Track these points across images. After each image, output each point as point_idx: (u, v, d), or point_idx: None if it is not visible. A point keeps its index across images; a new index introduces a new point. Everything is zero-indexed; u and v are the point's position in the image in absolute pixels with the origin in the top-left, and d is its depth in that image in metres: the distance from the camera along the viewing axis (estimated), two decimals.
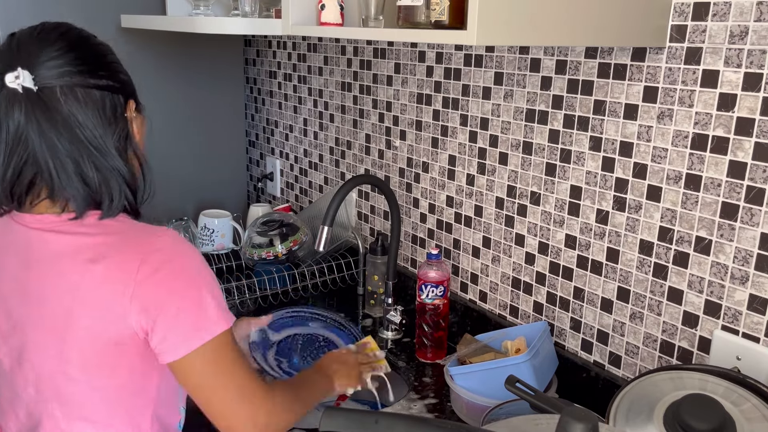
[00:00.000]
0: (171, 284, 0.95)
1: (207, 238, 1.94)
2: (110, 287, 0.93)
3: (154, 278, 0.93)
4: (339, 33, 1.23)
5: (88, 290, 0.94)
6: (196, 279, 0.97)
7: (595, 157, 1.25)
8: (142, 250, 0.95)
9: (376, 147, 1.82)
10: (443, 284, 1.46)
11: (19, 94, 0.92)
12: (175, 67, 2.13)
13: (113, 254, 0.95)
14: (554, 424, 0.72)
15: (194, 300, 0.96)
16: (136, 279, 0.93)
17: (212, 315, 0.96)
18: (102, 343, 0.95)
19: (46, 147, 0.93)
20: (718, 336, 1.11)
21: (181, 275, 0.96)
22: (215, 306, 0.97)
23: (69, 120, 0.93)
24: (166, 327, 0.94)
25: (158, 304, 0.94)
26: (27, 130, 0.93)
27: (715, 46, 1.06)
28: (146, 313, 0.93)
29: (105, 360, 0.97)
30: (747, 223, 1.05)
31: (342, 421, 0.74)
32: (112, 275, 0.93)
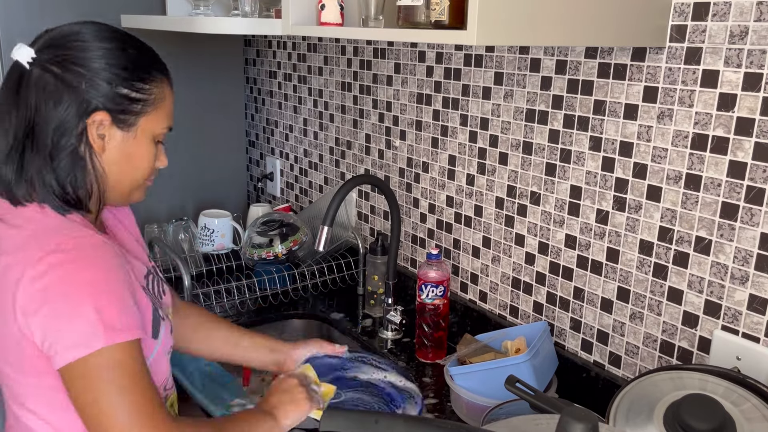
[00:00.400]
0: (54, 291, 0.91)
1: (207, 238, 1.94)
2: (4, 283, 0.93)
3: (40, 281, 0.90)
4: (339, 33, 1.23)
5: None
6: (83, 288, 0.91)
7: (595, 157, 1.25)
8: (40, 250, 0.92)
9: (376, 147, 1.82)
10: (443, 284, 1.46)
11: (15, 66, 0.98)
12: (175, 67, 2.11)
13: (16, 250, 0.94)
14: (554, 424, 0.72)
15: (68, 312, 0.90)
16: (23, 278, 0.91)
17: (87, 332, 0.90)
18: (8, 339, 0.95)
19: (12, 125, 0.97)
20: (718, 336, 1.11)
21: (68, 282, 0.91)
22: (96, 320, 0.90)
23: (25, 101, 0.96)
24: (43, 333, 0.91)
25: (36, 309, 0.91)
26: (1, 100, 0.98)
27: (715, 46, 1.06)
28: (26, 317, 0.91)
29: (18, 355, 0.96)
30: (747, 223, 1.05)
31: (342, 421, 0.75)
32: (8, 271, 0.93)
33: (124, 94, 1.00)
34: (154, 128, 1.05)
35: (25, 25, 1.86)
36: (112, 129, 1.00)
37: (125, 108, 1.00)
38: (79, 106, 0.97)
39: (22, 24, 1.86)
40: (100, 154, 1.00)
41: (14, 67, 0.98)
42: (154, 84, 1.04)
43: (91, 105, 0.97)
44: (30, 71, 0.97)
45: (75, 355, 0.90)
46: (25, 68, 0.97)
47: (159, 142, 1.08)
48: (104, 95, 0.98)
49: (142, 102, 1.02)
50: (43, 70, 0.96)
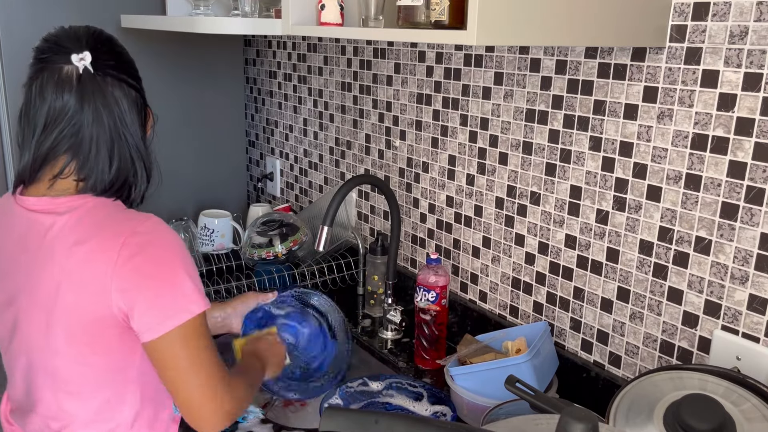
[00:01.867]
0: (149, 266, 1.00)
1: (207, 238, 1.94)
2: (92, 267, 0.99)
3: (134, 261, 0.99)
4: (339, 33, 1.23)
5: (73, 269, 1.00)
6: (174, 261, 1.02)
7: (595, 157, 1.25)
8: (123, 233, 1.00)
9: (376, 147, 1.82)
10: (436, 290, 1.44)
11: (75, 76, 1.03)
12: (175, 67, 2.13)
13: (97, 236, 1.01)
14: (554, 424, 0.72)
15: (172, 282, 1.01)
16: (117, 261, 0.98)
17: (190, 295, 1.01)
18: (84, 320, 1.01)
19: (95, 121, 1.04)
20: (718, 336, 1.11)
21: (159, 258, 1.01)
22: (193, 288, 1.02)
23: (116, 104, 1.06)
24: (144, 307, 0.99)
25: (137, 286, 0.99)
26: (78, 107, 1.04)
27: (715, 46, 1.06)
28: (125, 294, 0.99)
29: (87, 336, 1.02)
30: (747, 223, 1.05)
31: (342, 421, 0.74)
32: (95, 256, 0.99)
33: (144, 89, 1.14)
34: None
35: (25, 24, 1.86)
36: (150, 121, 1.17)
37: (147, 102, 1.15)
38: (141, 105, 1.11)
39: (22, 24, 1.86)
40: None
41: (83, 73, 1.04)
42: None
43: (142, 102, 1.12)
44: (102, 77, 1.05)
45: (178, 321, 1.00)
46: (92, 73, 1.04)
47: None
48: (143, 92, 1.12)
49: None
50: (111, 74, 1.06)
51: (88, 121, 1.04)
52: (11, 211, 1.10)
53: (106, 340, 1.03)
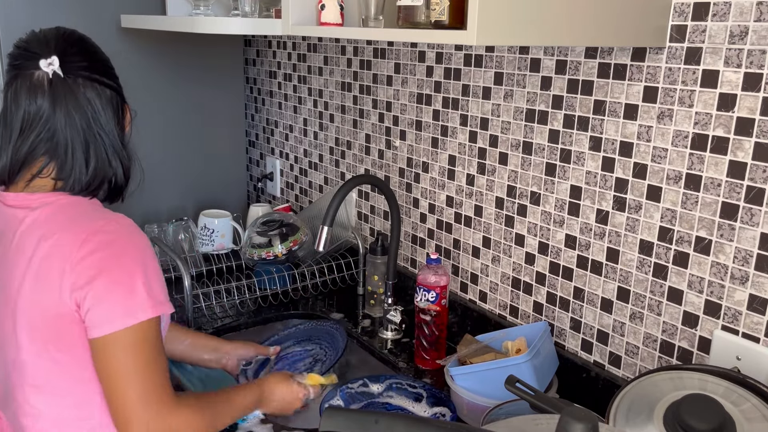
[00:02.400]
0: (105, 264, 1.00)
1: (207, 238, 1.94)
2: (52, 263, 1.00)
3: (91, 258, 0.99)
4: (339, 33, 1.23)
5: (36, 264, 1.01)
6: (132, 264, 1.01)
7: (595, 157, 1.25)
8: (86, 230, 1.01)
9: (376, 147, 1.82)
10: (436, 290, 1.44)
11: (46, 80, 1.04)
12: (175, 67, 2.13)
13: (61, 232, 1.02)
14: (554, 424, 0.72)
15: (125, 284, 1.00)
16: (75, 257, 0.99)
17: (141, 302, 1.00)
18: (45, 315, 1.02)
19: (68, 125, 1.05)
20: (718, 336, 1.11)
21: (117, 258, 1.01)
22: (144, 294, 1.01)
23: (89, 105, 1.07)
24: (92, 303, 0.99)
25: (88, 282, 0.99)
26: (51, 111, 1.05)
27: (715, 46, 1.06)
28: (77, 290, 0.99)
29: (49, 332, 1.02)
30: (747, 223, 1.05)
31: (342, 421, 0.74)
32: (56, 251, 1.00)
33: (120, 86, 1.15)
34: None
35: (25, 25, 1.86)
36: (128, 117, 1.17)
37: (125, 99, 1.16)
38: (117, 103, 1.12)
39: (22, 23, 1.86)
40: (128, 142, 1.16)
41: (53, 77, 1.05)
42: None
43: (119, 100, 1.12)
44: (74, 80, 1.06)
45: (121, 324, 0.99)
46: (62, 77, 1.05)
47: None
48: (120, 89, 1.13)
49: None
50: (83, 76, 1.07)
51: (61, 124, 1.05)
52: None
53: (69, 337, 1.02)
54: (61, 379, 1.05)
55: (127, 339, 1.00)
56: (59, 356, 1.04)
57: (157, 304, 1.02)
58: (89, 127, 1.07)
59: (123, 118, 1.14)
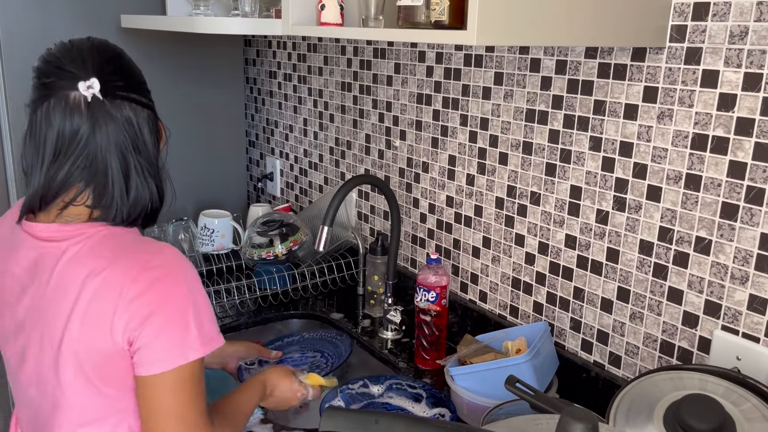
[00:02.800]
0: (158, 303, 0.95)
1: (207, 238, 1.94)
2: (101, 301, 0.95)
3: (143, 298, 0.94)
4: (339, 33, 1.23)
5: (83, 302, 0.96)
6: (183, 300, 0.97)
7: (595, 157, 1.25)
8: (135, 267, 0.96)
9: (376, 147, 1.82)
10: (436, 290, 1.44)
11: (83, 102, 0.97)
12: (175, 67, 2.13)
13: (108, 270, 0.96)
14: (554, 424, 0.72)
15: (178, 322, 0.96)
16: (126, 296, 0.94)
17: (192, 341, 0.97)
18: (93, 357, 0.97)
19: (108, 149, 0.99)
20: (718, 336, 1.11)
21: (169, 296, 0.96)
22: (196, 332, 0.97)
23: (129, 127, 1.01)
24: (145, 342, 0.95)
25: (141, 324, 0.94)
26: (90, 134, 0.98)
27: (715, 46, 1.06)
28: (132, 330, 0.95)
29: (97, 372, 0.98)
30: (747, 223, 1.05)
31: (342, 421, 0.74)
32: (104, 290, 0.95)
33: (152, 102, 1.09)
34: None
35: (25, 24, 1.86)
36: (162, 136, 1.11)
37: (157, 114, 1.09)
38: (154, 121, 1.06)
39: (22, 24, 1.86)
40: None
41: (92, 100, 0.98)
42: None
43: (154, 117, 1.06)
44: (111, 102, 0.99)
45: (171, 365, 0.96)
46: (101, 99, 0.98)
47: None
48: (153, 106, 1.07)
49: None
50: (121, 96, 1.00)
51: (101, 148, 0.99)
52: (17, 238, 1.05)
53: (119, 374, 0.99)
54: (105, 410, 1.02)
55: (175, 378, 0.96)
56: (107, 390, 1.00)
57: (207, 341, 0.98)
58: (129, 152, 1.01)
59: (159, 139, 1.08)
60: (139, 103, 1.02)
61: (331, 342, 1.60)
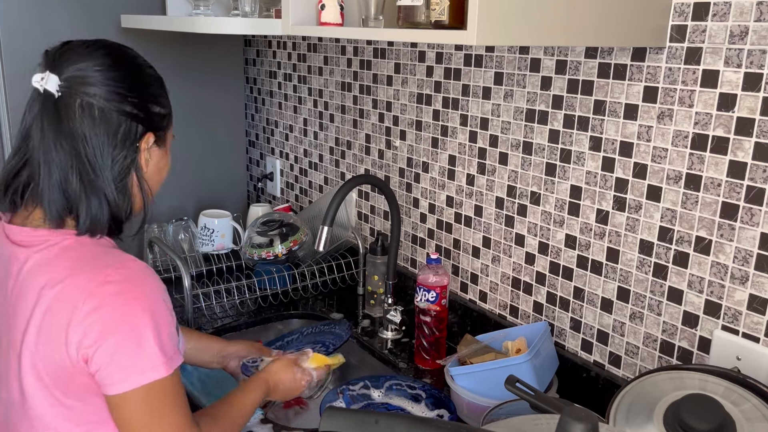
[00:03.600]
0: (113, 321, 0.92)
1: (207, 238, 1.94)
2: (56, 316, 0.93)
3: (97, 313, 0.91)
4: (339, 33, 1.23)
5: (39, 316, 0.94)
6: (141, 318, 0.93)
7: (595, 157, 1.25)
8: (92, 281, 0.92)
9: (376, 147, 1.82)
10: (436, 290, 1.44)
11: (39, 95, 0.96)
12: (175, 67, 2.13)
13: (65, 282, 0.93)
14: (554, 424, 0.72)
15: (134, 342, 0.92)
16: (80, 312, 0.91)
17: (151, 359, 0.93)
18: (50, 368, 0.95)
19: (43, 150, 0.96)
20: (718, 336, 1.11)
21: (125, 313, 0.92)
22: (156, 351, 0.93)
23: (75, 132, 0.96)
24: (102, 363, 0.92)
25: (96, 341, 0.91)
26: (33, 129, 0.97)
27: (715, 46, 1.06)
28: (86, 348, 0.92)
29: (57, 382, 0.96)
30: (747, 223, 1.05)
31: (342, 421, 0.74)
32: (59, 304, 0.93)
33: (158, 112, 1.03)
34: (170, 136, 1.09)
35: (25, 24, 1.86)
36: (154, 148, 1.04)
37: (161, 125, 1.04)
38: (130, 130, 0.98)
39: (22, 24, 1.86)
40: (144, 174, 1.04)
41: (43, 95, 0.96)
42: (168, 95, 1.07)
43: (139, 128, 1.00)
44: (66, 99, 0.95)
45: (132, 384, 0.93)
46: (55, 96, 0.95)
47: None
48: (146, 116, 1.00)
49: (168, 117, 1.06)
50: (83, 97, 0.95)
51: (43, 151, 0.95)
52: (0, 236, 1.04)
53: (78, 386, 0.96)
54: (70, 422, 1.00)
55: (143, 396, 0.94)
56: (69, 402, 0.98)
57: (168, 360, 0.94)
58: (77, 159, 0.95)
59: (136, 150, 1.00)
60: (103, 110, 0.96)
61: (330, 332, 1.59)
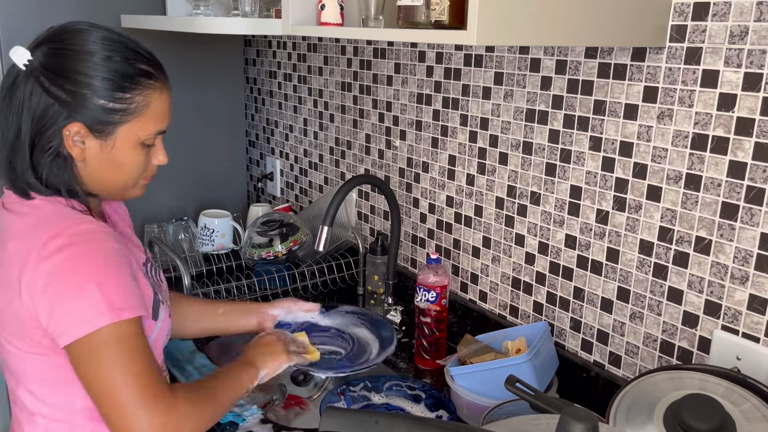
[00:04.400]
0: (59, 271, 0.95)
1: (207, 238, 1.94)
2: (12, 266, 0.98)
3: (47, 263, 0.95)
4: (339, 33, 1.23)
5: (2, 267, 1.01)
6: (87, 270, 0.96)
7: (595, 157, 1.25)
8: (47, 235, 0.97)
9: (376, 147, 1.82)
10: (436, 290, 1.44)
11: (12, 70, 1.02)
12: (175, 67, 2.12)
13: (24, 235, 0.99)
14: (554, 424, 0.72)
15: (79, 290, 0.95)
16: (31, 261, 0.96)
17: (95, 306, 0.95)
18: (9, 317, 1.01)
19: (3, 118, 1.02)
20: (718, 336, 1.11)
21: (72, 265, 0.96)
22: (99, 300, 0.95)
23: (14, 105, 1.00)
24: (49, 312, 0.96)
25: (43, 289, 0.95)
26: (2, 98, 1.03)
27: (715, 46, 1.06)
28: (32, 296, 0.96)
29: (17, 333, 1.01)
30: (747, 223, 1.05)
31: (342, 421, 0.74)
32: (16, 255, 0.98)
33: (101, 105, 1.01)
34: (137, 134, 1.06)
35: (24, 24, 1.86)
36: (89, 138, 1.03)
37: (102, 119, 1.02)
38: (58, 115, 1.00)
39: (21, 23, 1.86)
40: (80, 161, 1.04)
41: (12, 67, 1.02)
42: (136, 92, 1.04)
43: (68, 116, 1.00)
44: (22, 75, 1.00)
45: (80, 332, 0.95)
46: (21, 70, 1.01)
47: (149, 145, 1.10)
48: (83, 106, 1.00)
49: (120, 112, 1.03)
50: (33, 76, 1.00)
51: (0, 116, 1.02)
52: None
53: (36, 339, 1.00)
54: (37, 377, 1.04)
55: (92, 345, 0.95)
56: (30, 356, 1.02)
57: (114, 309, 0.95)
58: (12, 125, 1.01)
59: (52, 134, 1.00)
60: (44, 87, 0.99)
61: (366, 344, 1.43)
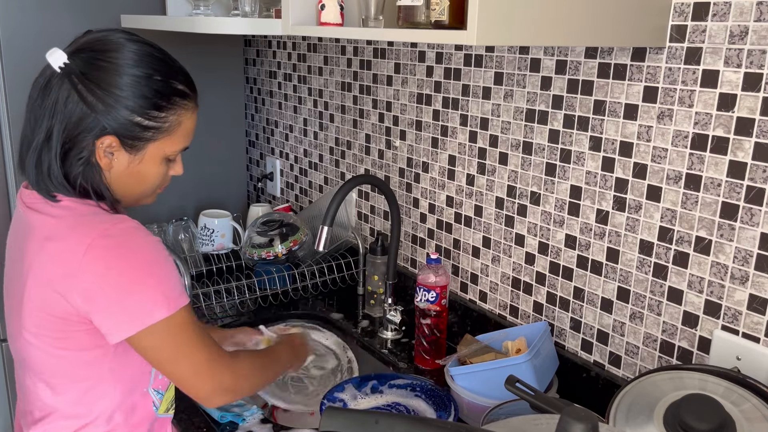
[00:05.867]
0: (113, 270, 0.98)
1: (207, 238, 1.94)
2: (56, 266, 0.99)
3: (98, 263, 0.97)
4: (339, 33, 1.23)
5: (39, 266, 1.00)
6: (139, 267, 1.00)
7: (595, 157, 1.25)
8: (92, 234, 0.98)
9: (376, 147, 1.82)
10: (436, 290, 1.44)
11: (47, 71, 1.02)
12: None
13: (66, 235, 1.00)
14: (554, 424, 0.72)
15: (134, 286, 0.99)
16: (81, 261, 0.97)
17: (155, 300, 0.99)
18: (49, 316, 1.02)
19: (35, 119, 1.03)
20: (718, 336, 1.11)
21: (124, 262, 0.99)
22: (155, 293, 1.00)
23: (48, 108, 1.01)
24: (104, 310, 0.99)
25: (99, 289, 0.98)
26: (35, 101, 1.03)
27: (715, 46, 1.06)
28: (86, 296, 0.98)
29: (53, 331, 1.03)
30: (747, 223, 1.05)
31: (342, 421, 0.74)
32: (60, 255, 0.99)
33: (137, 122, 1.03)
34: (165, 151, 1.09)
35: (24, 24, 1.86)
36: (120, 151, 1.05)
37: (136, 135, 1.04)
38: (93, 126, 1.01)
39: (23, 24, 1.86)
40: (107, 170, 1.06)
41: (47, 68, 1.02)
42: (171, 112, 1.08)
43: (103, 128, 1.01)
44: (58, 79, 1.00)
45: (141, 325, 0.99)
46: (55, 72, 1.01)
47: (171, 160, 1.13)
48: (118, 121, 1.02)
49: (153, 130, 1.06)
50: (70, 83, 1.00)
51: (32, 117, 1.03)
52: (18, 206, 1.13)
53: (75, 336, 1.03)
54: (64, 375, 1.07)
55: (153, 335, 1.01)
56: (64, 353, 1.05)
57: (170, 300, 1.01)
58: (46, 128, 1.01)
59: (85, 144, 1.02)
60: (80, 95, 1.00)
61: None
